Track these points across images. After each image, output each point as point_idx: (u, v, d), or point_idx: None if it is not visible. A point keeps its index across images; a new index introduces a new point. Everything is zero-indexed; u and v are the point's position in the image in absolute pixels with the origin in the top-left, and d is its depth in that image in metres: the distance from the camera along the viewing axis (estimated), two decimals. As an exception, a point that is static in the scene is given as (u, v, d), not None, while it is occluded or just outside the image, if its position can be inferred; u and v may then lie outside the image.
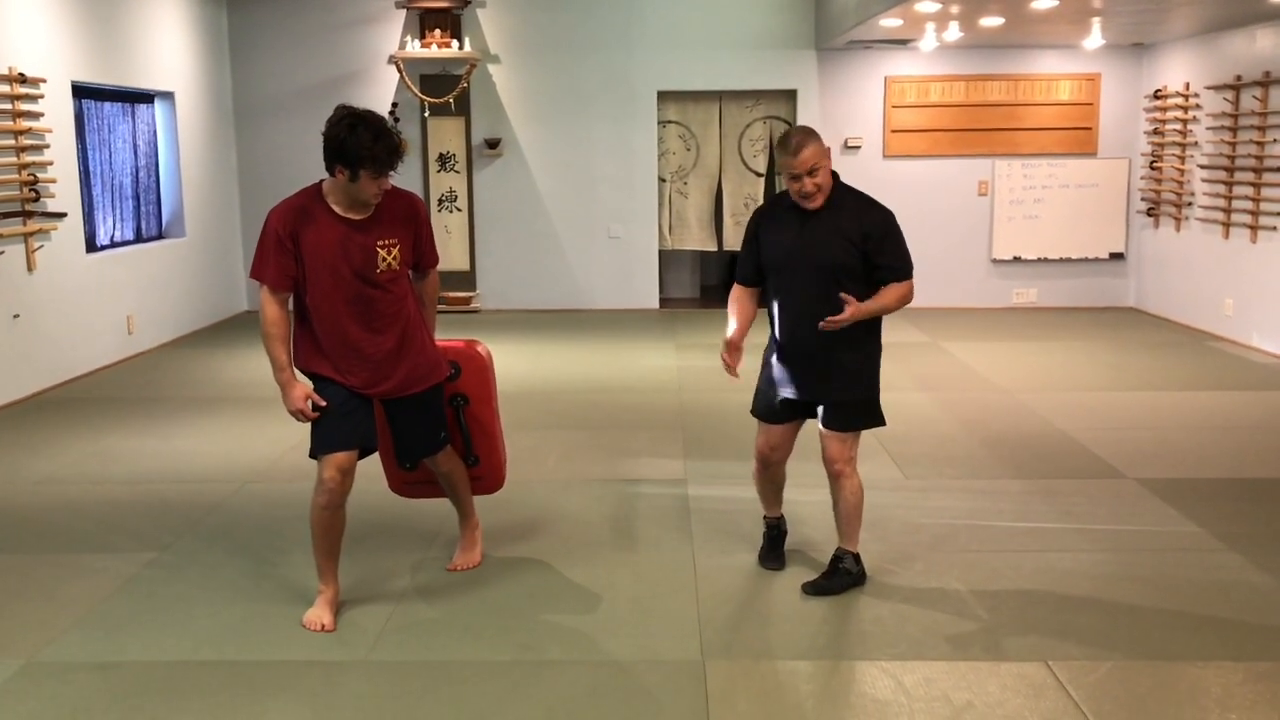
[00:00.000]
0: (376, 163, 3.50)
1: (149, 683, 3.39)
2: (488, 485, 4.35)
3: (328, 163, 3.54)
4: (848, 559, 4.06)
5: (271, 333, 3.64)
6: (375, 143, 3.48)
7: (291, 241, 3.60)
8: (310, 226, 3.61)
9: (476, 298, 10.75)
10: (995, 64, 10.50)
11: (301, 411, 3.64)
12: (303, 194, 3.67)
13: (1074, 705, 3.21)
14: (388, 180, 3.60)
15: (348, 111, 3.56)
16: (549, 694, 3.32)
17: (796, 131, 3.84)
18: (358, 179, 3.52)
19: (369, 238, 3.64)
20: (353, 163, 3.49)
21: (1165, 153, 10.05)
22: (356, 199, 3.59)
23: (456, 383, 4.07)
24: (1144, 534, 4.63)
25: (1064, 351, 8.62)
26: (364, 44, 10.52)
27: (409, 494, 4.35)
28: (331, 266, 3.61)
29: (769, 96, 10.76)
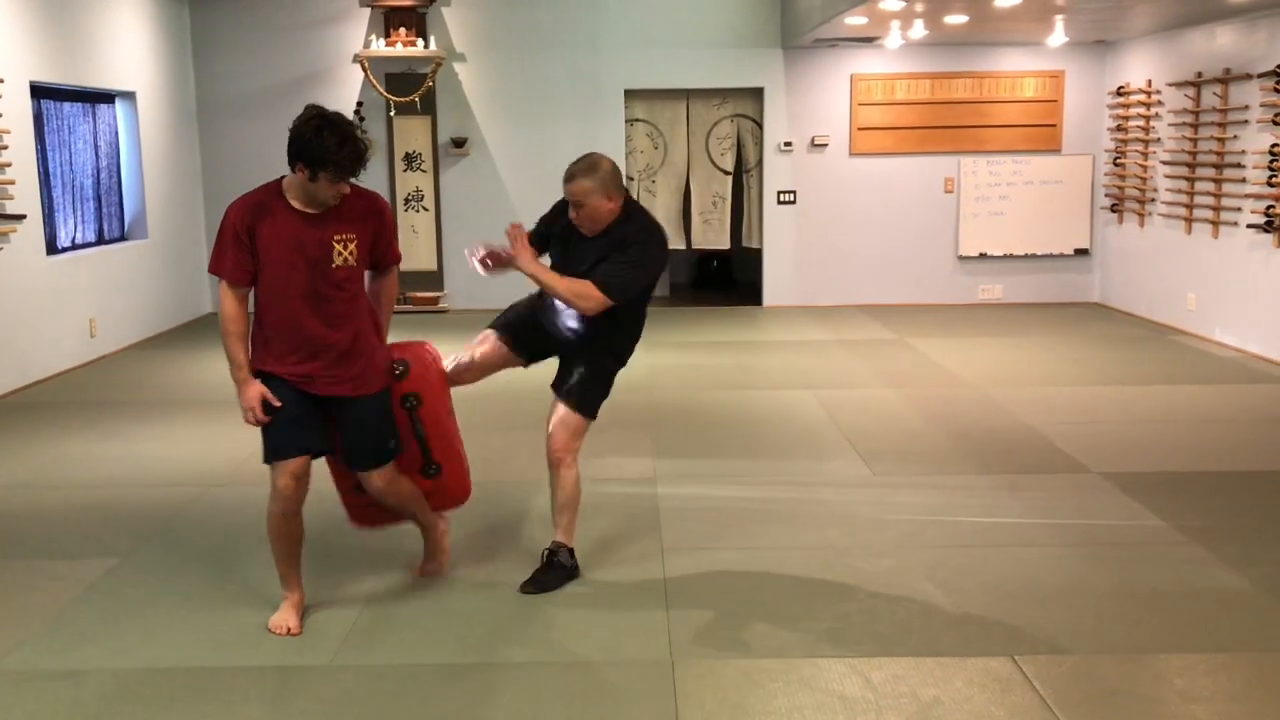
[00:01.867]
0: (338, 168, 3.50)
1: (112, 691, 3.35)
2: (452, 496, 4.08)
3: (290, 159, 3.53)
4: (560, 551, 4.10)
5: (229, 329, 3.61)
6: (340, 148, 3.47)
7: (249, 236, 3.57)
8: (267, 221, 3.58)
9: (444, 298, 10.70)
10: (960, 61, 10.56)
11: (253, 410, 3.59)
12: (262, 189, 3.65)
13: (1040, 700, 3.23)
14: (346, 185, 3.59)
15: (317, 112, 3.54)
16: (516, 697, 3.30)
17: (582, 160, 3.94)
18: (316, 180, 3.52)
19: (325, 232, 3.62)
20: (313, 164, 3.48)
21: (1128, 149, 10.14)
22: (314, 197, 3.58)
23: (405, 382, 3.89)
24: (1108, 528, 4.67)
25: (1030, 347, 8.68)
26: (328, 43, 10.44)
27: (370, 521, 4.09)
28: (287, 260, 3.58)
29: (736, 95, 10.78)
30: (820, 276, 10.88)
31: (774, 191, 10.78)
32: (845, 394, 7.10)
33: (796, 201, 10.78)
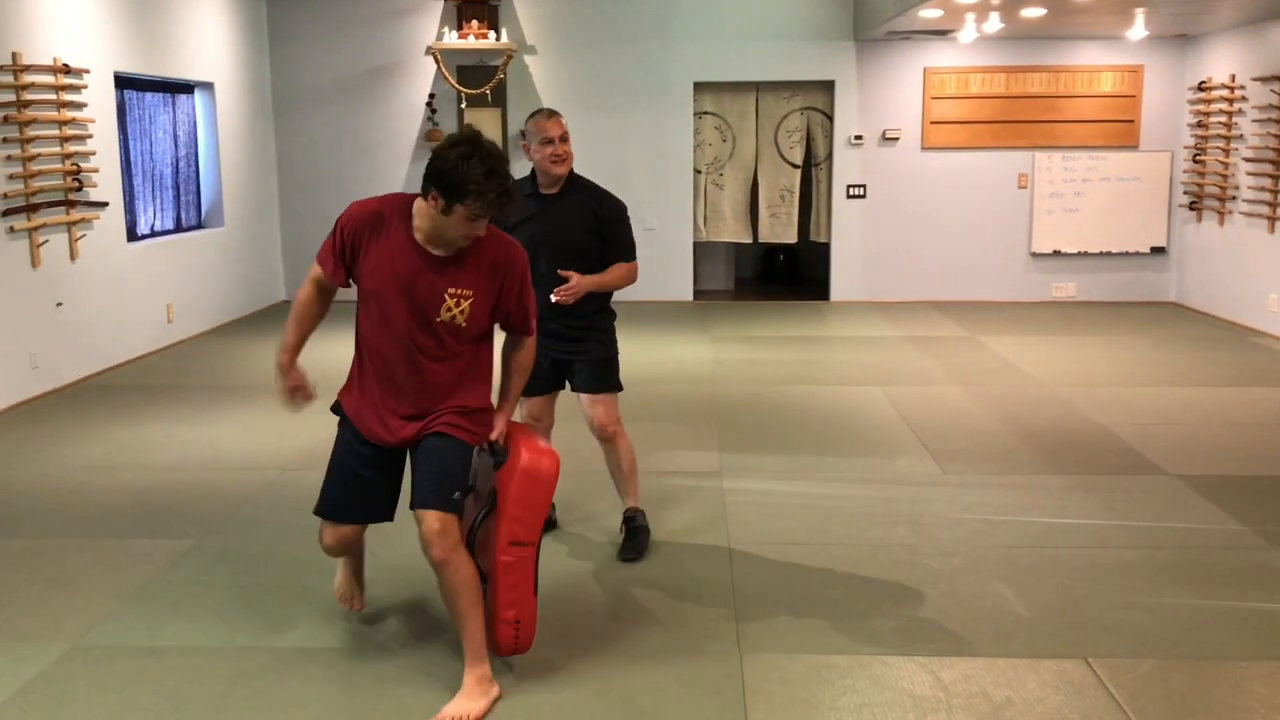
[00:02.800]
0: (481, 200, 3.00)
1: (191, 668, 3.43)
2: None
3: (425, 183, 3.06)
4: (639, 516, 4.38)
5: (294, 310, 3.33)
6: (486, 179, 2.98)
7: (352, 248, 3.18)
8: (379, 241, 3.15)
9: (512, 289, 10.74)
10: (1036, 55, 10.38)
11: (285, 404, 3.38)
12: (387, 201, 3.22)
13: (1115, 704, 3.18)
14: (483, 226, 3.09)
15: (465, 137, 3.06)
16: (584, 684, 3.31)
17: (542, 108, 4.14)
18: (450, 212, 3.02)
19: (441, 279, 3.13)
20: (451, 193, 2.99)
21: (1209, 145, 9.90)
22: (442, 234, 3.10)
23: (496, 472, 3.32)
24: (1185, 531, 4.57)
25: (1104, 346, 8.53)
26: (401, 35, 10.55)
27: None
28: (390, 293, 3.14)
29: (806, 88, 10.70)
30: (889, 272, 10.78)
31: (843, 185, 10.69)
32: (915, 391, 7.03)
33: (866, 196, 10.69)
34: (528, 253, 3.39)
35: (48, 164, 7.01)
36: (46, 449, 5.85)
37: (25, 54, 6.80)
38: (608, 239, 4.17)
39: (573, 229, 4.12)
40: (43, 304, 7.01)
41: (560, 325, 4.15)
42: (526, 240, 3.80)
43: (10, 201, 6.66)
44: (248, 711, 3.19)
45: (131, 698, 3.25)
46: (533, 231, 4.03)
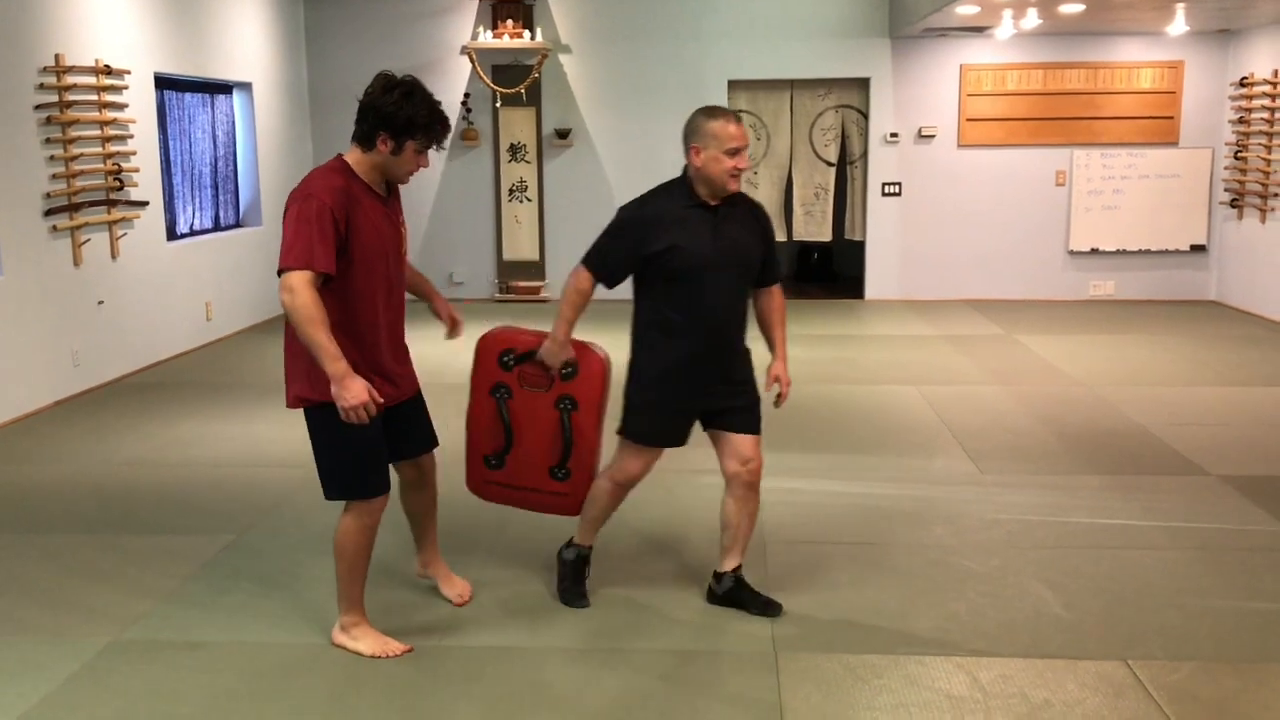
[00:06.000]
0: (429, 135, 3.25)
1: (231, 663, 3.46)
2: (567, 504, 3.86)
3: (368, 132, 3.23)
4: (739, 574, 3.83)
5: (316, 318, 3.09)
6: (431, 114, 3.25)
7: (345, 231, 3.19)
8: (359, 209, 3.24)
9: (545, 288, 10.79)
10: (1074, 51, 10.28)
11: (365, 406, 3.11)
12: (332, 173, 3.26)
13: (1156, 706, 3.14)
14: (427, 158, 3.35)
15: (397, 79, 3.27)
16: (621, 681, 3.32)
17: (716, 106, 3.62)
18: (402, 151, 3.25)
19: (393, 214, 3.40)
20: (401, 132, 3.21)
21: (1251, 142, 9.77)
22: (390, 174, 3.33)
23: (569, 384, 3.72)
24: (1227, 532, 4.51)
25: (1143, 345, 8.43)
26: (437, 35, 10.60)
27: (488, 495, 3.95)
28: (380, 251, 3.31)
29: (841, 85, 10.65)
30: (925, 270, 10.71)
31: (879, 183, 10.64)
32: (951, 390, 6.98)
33: (901, 193, 10.63)
34: (694, 274, 3.49)
35: (89, 164, 7.10)
36: (87, 446, 5.93)
37: (67, 55, 6.90)
38: (767, 257, 3.68)
39: (748, 245, 3.60)
40: (84, 302, 7.10)
41: (727, 368, 3.67)
42: (696, 259, 3.50)
43: (53, 201, 6.76)
44: (288, 707, 3.21)
45: (173, 692, 3.29)
46: (703, 248, 3.51)
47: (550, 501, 3.88)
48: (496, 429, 3.83)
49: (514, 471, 3.86)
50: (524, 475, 3.85)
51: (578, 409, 3.74)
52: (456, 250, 10.85)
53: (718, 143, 3.47)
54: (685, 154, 3.59)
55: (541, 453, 3.80)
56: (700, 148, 3.51)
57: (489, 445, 3.88)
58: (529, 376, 3.80)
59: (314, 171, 3.30)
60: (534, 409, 3.79)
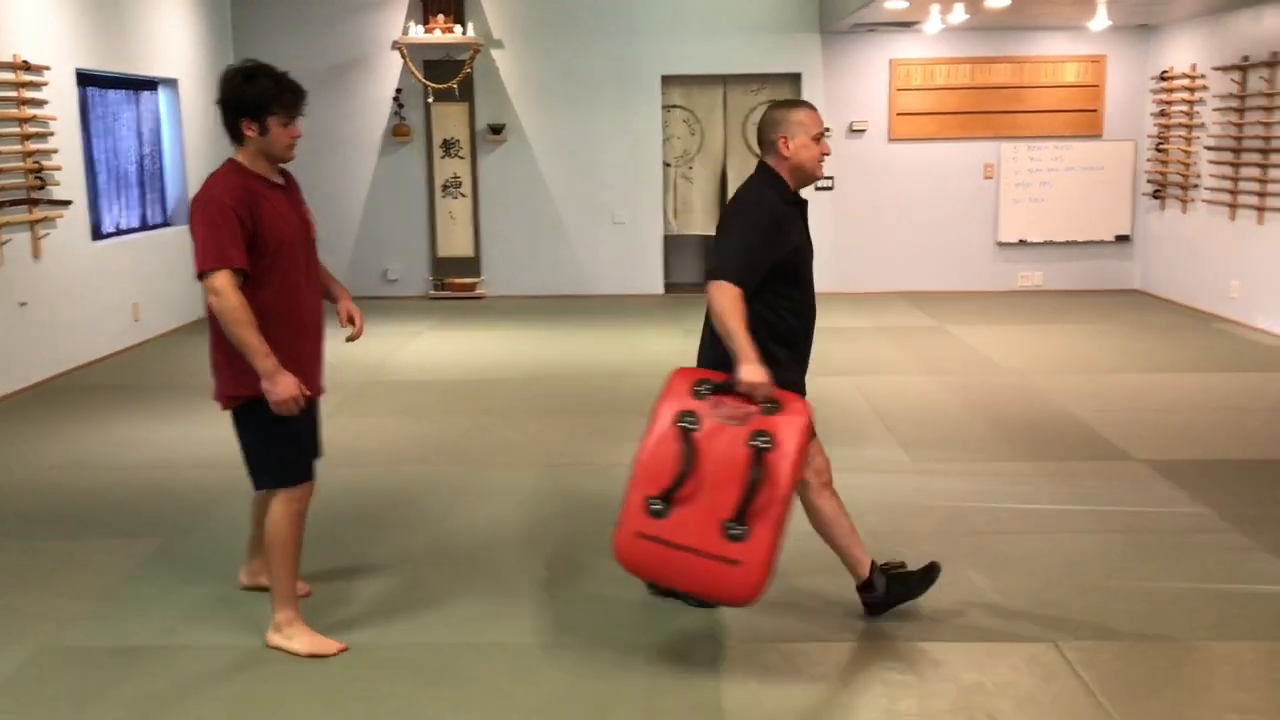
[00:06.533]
0: (284, 105, 3.32)
1: (162, 668, 3.41)
2: (734, 579, 3.13)
3: (232, 125, 3.33)
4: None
5: (245, 319, 3.21)
6: (278, 84, 3.32)
7: (251, 222, 3.27)
8: (261, 202, 3.31)
9: (481, 284, 10.75)
10: (1001, 46, 10.46)
11: (295, 400, 3.26)
12: (228, 174, 3.33)
13: (1084, 686, 3.22)
14: (298, 125, 3.40)
15: (235, 68, 3.36)
16: (560, 676, 3.33)
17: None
18: (268, 130, 3.31)
19: (298, 198, 3.50)
20: (260, 111, 3.29)
21: (1171, 134, 10.02)
22: (273, 155, 3.38)
23: (769, 418, 3.19)
24: (1153, 515, 4.63)
25: (1070, 334, 8.61)
26: (367, 30, 10.50)
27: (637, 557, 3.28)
28: (291, 239, 3.37)
29: (773, 80, 10.73)
30: (858, 263, 10.83)
31: (811, 177, 10.72)
32: (884, 380, 7.08)
33: (834, 188, 10.73)
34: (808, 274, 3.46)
35: (8, 162, 6.93)
36: (12, 449, 5.79)
37: (-15, 51, 6.72)
38: None
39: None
40: (5, 303, 6.93)
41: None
42: (810, 258, 3.53)
43: (-29, 200, 6.58)
44: (222, 710, 3.17)
45: (102, 697, 3.23)
46: (804, 244, 3.53)
47: (714, 571, 3.13)
48: (672, 462, 3.19)
49: (679, 523, 3.16)
50: (690, 530, 3.15)
51: (775, 449, 3.13)
52: (390, 247, 10.76)
53: (805, 130, 3.43)
54: (767, 150, 3.48)
55: (719, 500, 3.13)
56: (789, 137, 3.43)
57: (658, 482, 3.21)
58: (725, 406, 3.24)
59: (212, 176, 3.38)
60: (722, 442, 3.18)
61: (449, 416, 6.36)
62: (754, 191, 3.49)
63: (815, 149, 3.44)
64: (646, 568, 3.31)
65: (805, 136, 3.43)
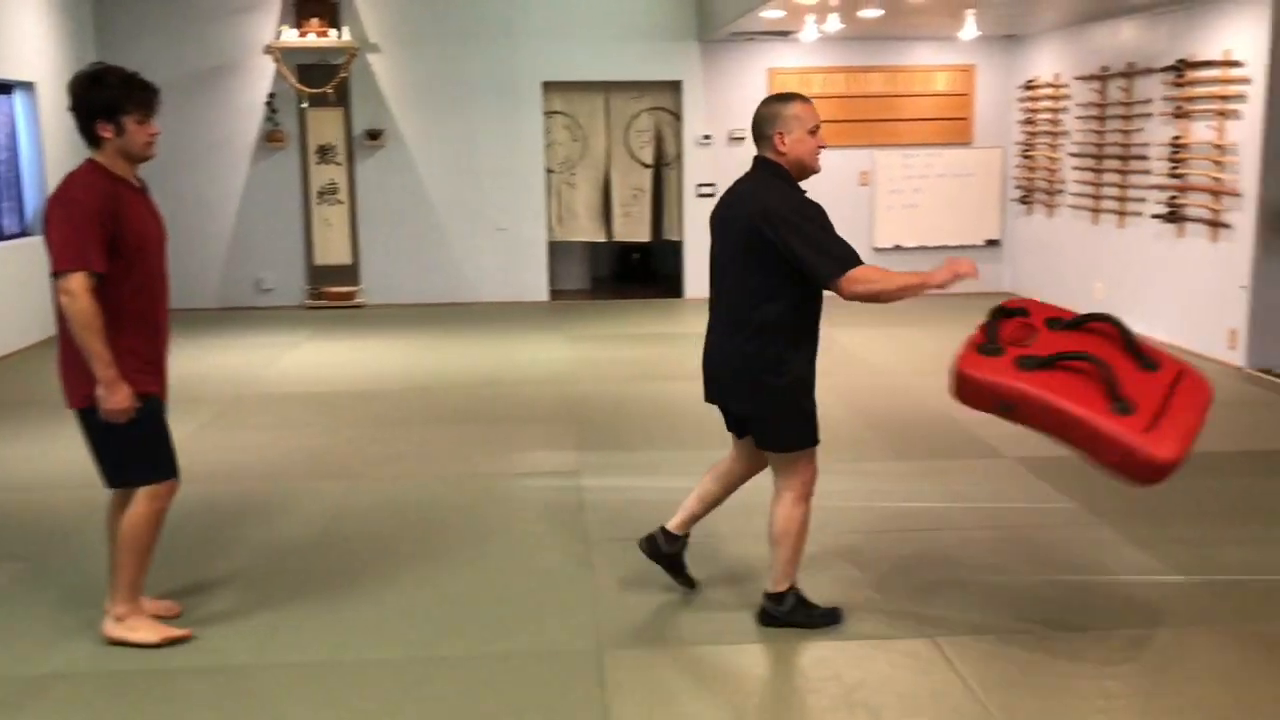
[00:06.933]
0: (137, 103, 3.31)
1: (25, 697, 3.24)
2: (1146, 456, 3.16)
3: (87, 129, 3.31)
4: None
5: (94, 325, 3.22)
6: (125, 83, 3.31)
7: (114, 223, 3.25)
8: (123, 205, 3.30)
9: (360, 292, 10.55)
10: (875, 56, 10.71)
11: (128, 413, 3.30)
12: (90, 174, 3.31)
13: (959, 679, 3.30)
14: (154, 122, 3.39)
15: (82, 73, 3.36)
16: (443, 690, 3.27)
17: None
18: (125, 130, 3.31)
19: (152, 203, 3.48)
20: (112, 110, 3.28)
21: (1037, 142, 10.38)
22: (132, 155, 3.36)
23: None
24: (1022, 511, 4.77)
25: (944, 336, 8.80)
26: (238, 33, 10.22)
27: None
28: (150, 242, 3.38)
29: (654, 88, 10.79)
30: (739, 268, 10.93)
31: (694, 184, 10.83)
32: (766, 384, 7.15)
33: (716, 194, 10.83)
34: None
35: None
36: None
37: None
38: None
39: None
40: None
41: None
42: None
43: None
44: (85, 740, 3.04)
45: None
46: None
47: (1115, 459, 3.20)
48: (1081, 382, 3.26)
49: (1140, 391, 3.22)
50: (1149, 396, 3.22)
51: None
52: (264, 255, 10.49)
53: (801, 124, 3.44)
54: (764, 146, 3.50)
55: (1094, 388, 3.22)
56: (785, 133, 3.44)
57: (1095, 399, 3.22)
58: (1014, 335, 3.46)
59: (71, 176, 3.32)
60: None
61: (328, 429, 6.22)
62: (779, 184, 3.47)
63: (812, 142, 3.45)
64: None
65: (801, 131, 3.44)
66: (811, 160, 3.47)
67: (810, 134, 3.44)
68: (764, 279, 3.44)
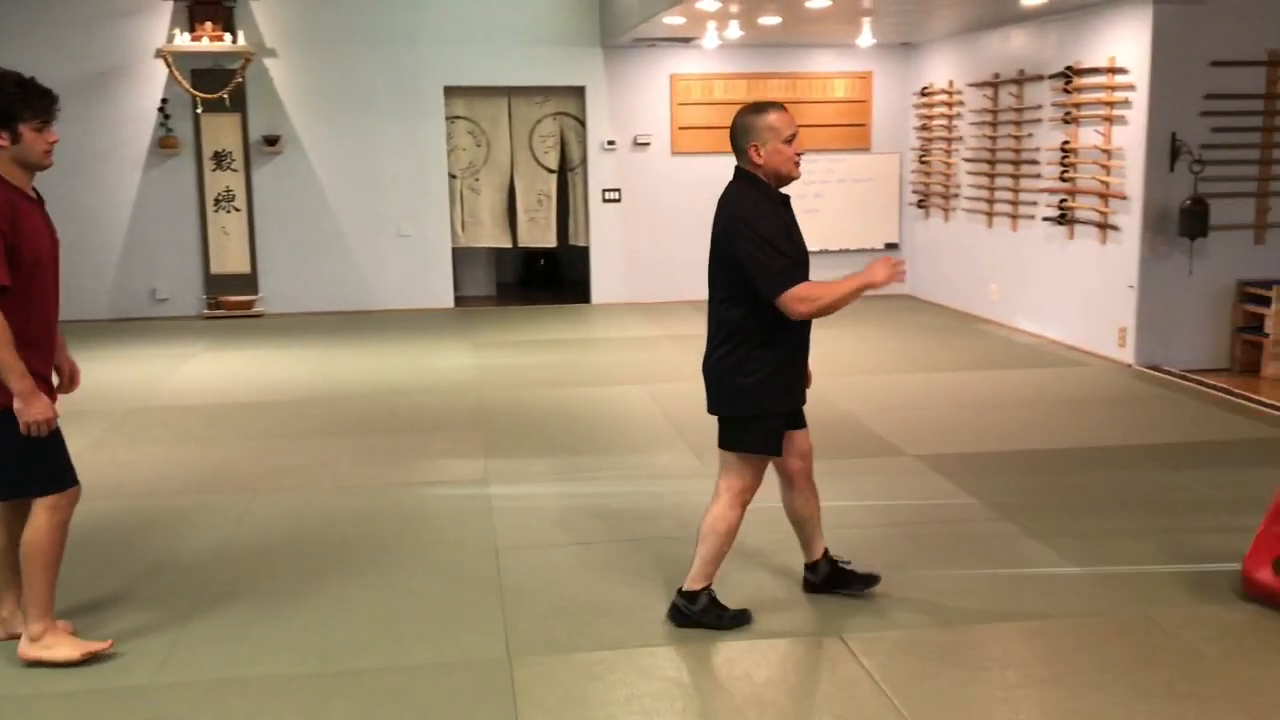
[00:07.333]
0: (34, 110, 3.22)
1: (-98, 728, 3.11)
2: None
3: None
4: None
5: (5, 337, 3.16)
6: (21, 87, 3.22)
7: (13, 235, 3.18)
8: (20, 216, 3.22)
9: (259, 301, 10.34)
10: (775, 63, 10.85)
11: (49, 422, 3.25)
12: None
13: (866, 674, 3.35)
14: (52, 130, 3.29)
15: None
16: (350, 704, 3.22)
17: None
18: (21, 138, 3.21)
19: (47, 215, 3.40)
20: (10, 119, 3.19)
21: (933, 147, 10.62)
22: (30, 164, 3.27)
23: None
24: (924, 507, 4.87)
25: (845, 337, 8.99)
26: (129, 36, 9.94)
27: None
28: (46, 255, 3.31)
29: (558, 93, 10.78)
30: (647, 273, 11.00)
31: (599, 190, 10.84)
32: (675, 388, 7.19)
33: (622, 199, 10.87)
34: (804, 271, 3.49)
35: None
36: None
37: None
38: None
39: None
40: None
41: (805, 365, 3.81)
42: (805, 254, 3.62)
43: None
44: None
45: None
46: (803, 243, 3.62)
47: None
48: None
49: None
50: None
51: None
52: (158, 265, 10.21)
53: (775, 135, 3.47)
54: (741, 158, 3.55)
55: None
56: (760, 144, 3.48)
57: None
58: None
59: None
60: None
61: (227, 442, 6.08)
62: (741, 196, 3.55)
63: (788, 151, 3.49)
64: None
65: (776, 141, 3.48)
66: (788, 169, 3.53)
67: (786, 143, 3.49)
68: (732, 285, 3.56)
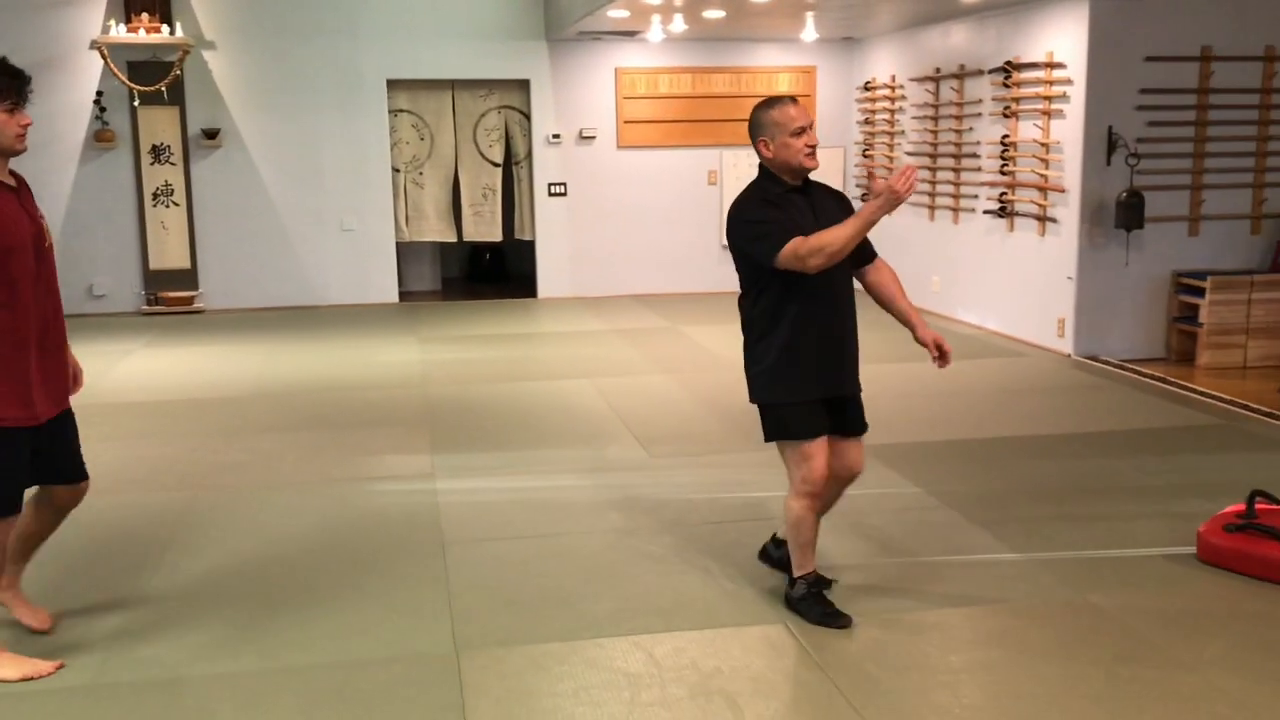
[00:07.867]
0: (3, 91, 3.14)
1: None
2: None
3: None
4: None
5: None
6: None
7: None
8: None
9: (199, 297, 10.18)
10: (720, 56, 10.88)
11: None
12: None
13: (813, 662, 3.38)
14: (23, 113, 3.21)
15: None
16: (295, 701, 3.18)
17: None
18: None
19: (26, 201, 3.26)
20: None
21: (876, 141, 10.72)
22: (1, 148, 3.19)
23: None
24: (869, 496, 4.91)
25: (793, 331, 9.04)
26: (62, 27, 9.74)
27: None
28: (22, 246, 3.15)
29: (502, 86, 10.73)
30: (593, 267, 10.99)
31: (544, 183, 10.81)
32: (621, 381, 7.21)
33: (567, 193, 10.85)
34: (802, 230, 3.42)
35: None
36: None
37: None
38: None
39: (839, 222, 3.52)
40: None
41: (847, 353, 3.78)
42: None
43: None
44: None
45: None
46: (810, 230, 3.49)
47: None
48: None
49: None
50: None
51: None
52: (96, 261, 10.02)
53: (780, 129, 3.49)
54: (757, 152, 3.59)
55: None
56: (767, 140, 3.52)
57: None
58: None
59: None
60: None
61: (167, 439, 5.98)
62: (746, 191, 3.64)
63: (796, 144, 3.50)
64: None
65: (783, 135, 3.50)
66: (799, 161, 3.53)
67: (795, 136, 3.49)
68: (743, 280, 3.72)
